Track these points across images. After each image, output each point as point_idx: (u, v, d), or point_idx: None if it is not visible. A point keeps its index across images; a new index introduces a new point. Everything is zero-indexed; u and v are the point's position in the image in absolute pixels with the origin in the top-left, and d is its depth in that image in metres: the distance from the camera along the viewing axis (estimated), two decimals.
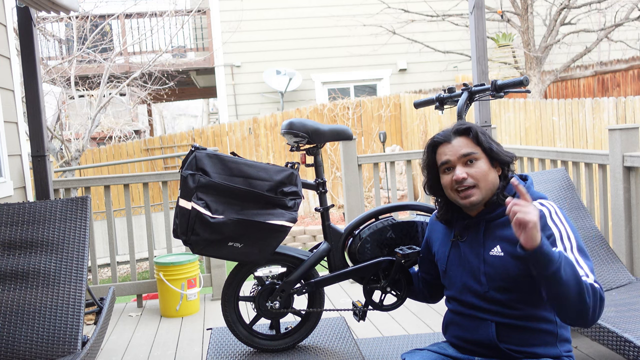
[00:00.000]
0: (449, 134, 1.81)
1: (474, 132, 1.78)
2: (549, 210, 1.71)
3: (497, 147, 1.79)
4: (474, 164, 1.76)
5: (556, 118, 6.49)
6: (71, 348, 2.46)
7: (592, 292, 1.54)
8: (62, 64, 9.70)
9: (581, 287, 1.52)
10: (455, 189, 1.78)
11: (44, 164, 3.61)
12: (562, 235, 1.66)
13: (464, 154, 1.77)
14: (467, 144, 1.78)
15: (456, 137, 1.80)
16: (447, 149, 1.80)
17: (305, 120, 2.23)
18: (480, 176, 1.75)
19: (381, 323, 3.58)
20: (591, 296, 1.53)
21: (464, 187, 1.75)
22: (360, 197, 4.34)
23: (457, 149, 1.78)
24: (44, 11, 3.44)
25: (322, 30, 11.69)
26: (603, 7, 9.54)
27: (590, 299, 1.53)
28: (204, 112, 23.13)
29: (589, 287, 1.54)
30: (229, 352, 2.30)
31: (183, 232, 2.00)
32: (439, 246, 1.94)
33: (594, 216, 3.50)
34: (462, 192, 1.76)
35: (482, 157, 1.77)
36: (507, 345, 1.73)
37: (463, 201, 1.77)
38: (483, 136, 1.78)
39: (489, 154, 1.77)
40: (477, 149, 1.77)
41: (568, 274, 1.51)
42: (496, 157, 1.78)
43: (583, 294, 1.52)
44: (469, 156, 1.76)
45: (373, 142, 10.56)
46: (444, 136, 1.82)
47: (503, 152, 1.79)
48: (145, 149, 10.25)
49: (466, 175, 1.75)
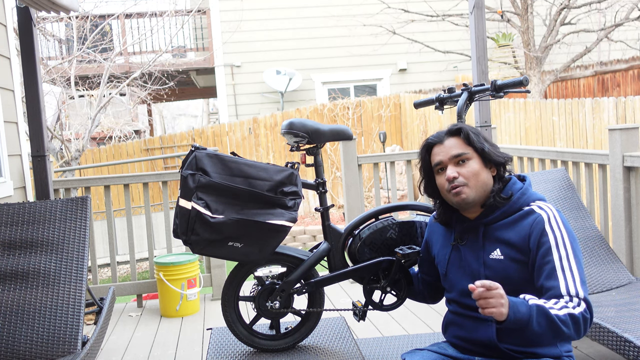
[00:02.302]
0: (442, 135, 1.83)
1: (464, 132, 1.80)
2: (547, 214, 1.71)
3: (490, 148, 1.79)
4: (466, 163, 1.77)
5: (556, 118, 6.49)
6: (71, 348, 2.46)
7: (571, 323, 1.57)
8: (62, 64, 9.69)
9: (556, 328, 1.55)
10: (447, 189, 1.78)
11: (44, 164, 3.61)
12: (557, 243, 1.67)
13: (454, 155, 1.78)
14: (458, 144, 1.79)
15: (448, 138, 1.82)
16: (440, 150, 1.82)
17: (305, 120, 2.23)
18: (471, 175, 1.76)
19: (381, 323, 3.58)
20: (571, 327, 1.57)
21: (455, 185, 1.76)
22: (360, 197, 4.34)
23: (448, 149, 1.80)
24: (44, 11, 3.44)
25: (322, 30, 11.69)
26: (603, 7, 9.54)
27: (570, 329, 1.57)
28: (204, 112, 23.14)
29: (566, 319, 1.56)
30: (229, 352, 2.30)
31: (183, 232, 2.00)
32: (439, 249, 1.94)
33: (594, 216, 3.50)
34: (453, 190, 1.77)
35: (474, 157, 1.78)
36: (507, 345, 1.73)
37: (455, 199, 1.77)
38: (475, 136, 1.79)
39: (481, 154, 1.78)
40: (468, 149, 1.78)
41: (542, 325, 1.55)
42: (488, 157, 1.78)
43: (560, 332, 1.56)
44: (460, 157, 1.78)
45: (373, 142, 10.56)
46: (436, 137, 1.84)
47: (496, 152, 1.79)
48: (145, 149, 10.25)
49: (457, 175, 1.76)
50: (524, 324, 1.53)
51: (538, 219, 1.71)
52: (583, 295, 1.61)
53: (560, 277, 1.64)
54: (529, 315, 1.53)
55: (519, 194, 1.77)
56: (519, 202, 1.76)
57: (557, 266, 1.65)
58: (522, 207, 1.76)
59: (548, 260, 1.66)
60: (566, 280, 1.63)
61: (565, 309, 1.58)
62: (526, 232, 1.71)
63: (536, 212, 1.72)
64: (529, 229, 1.71)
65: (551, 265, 1.65)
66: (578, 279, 1.63)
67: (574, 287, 1.62)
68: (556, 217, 1.71)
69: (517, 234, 1.72)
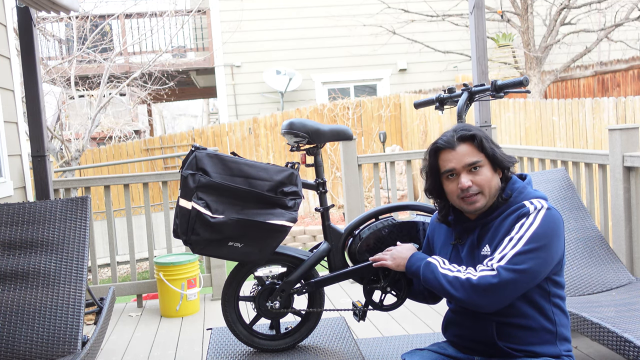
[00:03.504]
0: (453, 141, 1.77)
1: (478, 139, 1.76)
2: (536, 207, 1.71)
3: (500, 153, 1.78)
4: (478, 171, 1.76)
5: (556, 118, 6.49)
6: (71, 348, 2.46)
7: (459, 285, 1.69)
8: (62, 64, 9.69)
9: (441, 285, 1.73)
10: (460, 197, 1.77)
11: (44, 164, 3.61)
12: (522, 225, 1.68)
13: (469, 163, 1.75)
14: (471, 151, 1.76)
15: (460, 144, 1.77)
16: (452, 156, 1.77)
17: (305, 121, 2.23)
18: (485, 183, 1.75)
19: (381, 323, 3.58)
20: (458, 288, 1.69)
21: (469, 194, 1.75)
22: (360, 197, 4.34)
23: (462, 157, 1.76)
24: (44, 11, 3.44)
25: (322, 30, 11.69)
26: (603, 7, 9.54)
27: (457, 290, 1.69)
28: (204, 112, 23.14)
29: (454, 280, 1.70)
30: (229, 352, 2.30)
31: (183, 232, 2.00)
32: (440, 248, 1.95)
33: (594, 216, 3.50)
34: (467, 199, 1.76)
35: (486, 164, 1.77)
36: (507, 344, 1.73)
37: (468, 207, 1.77)
38: (487, 142, 1.77)
39: (492, 159, 1.77)
40: (481, 156, 1.76)
41: (428, 279, 1.77)
42: (499, 163, 1.77)
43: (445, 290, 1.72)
44: (474, 164, 1.75)
45: (373, 142, 10.56)
46: (447, 142, 1.78)
47: (505, 157, 1.79)
48: (145, 149, 10.25)
49: (471, 184, 1.74)
50: (414, 274, 1.85)
51: (524, 210, 1.71)
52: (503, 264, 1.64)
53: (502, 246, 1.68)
54: (417, 268, 1.83)
55: (516, 192, 1.78)
56: (515, 201, 1.77)
57: (505, 239, 1.68)
58: (517, 204, 1.76)
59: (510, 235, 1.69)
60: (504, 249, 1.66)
61: (468, 274, 1.69)
62: (512, 224, 1.71)
63: (526, 207, 1.72)
64: (515, 221, 1.71)
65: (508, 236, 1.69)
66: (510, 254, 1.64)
67: (499, 254, 1.66)
68: (539, 212, 1.69)
69: (504, 229, 1.73)
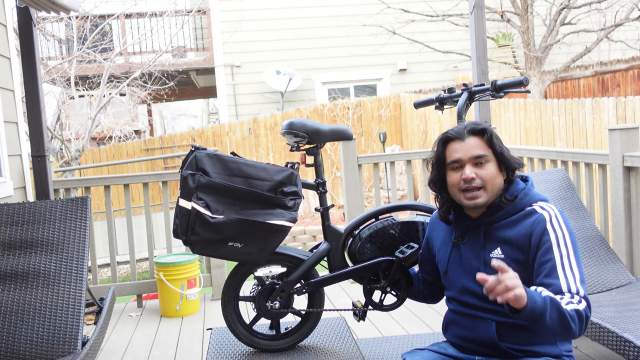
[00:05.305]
0: (463, 132, 1.79)
1: (488, 134, 1.78)
2: (549, 214, 1.72)
3: (508, 153, 1.79)
4: (484, 166, 1.76)
5: (556, 118, 6.49)
6: (71, 348, 2.46)
7: (577, 319, 1.57)
8: (62, 64, 9.69)
9: (566, 323, 1.54)
10: (461, 188, 1.77)
11: (44, 164, 3.61)
12: (558, 242, 1.67)
13: (476, 155, 1.76)
14: (480, 145, 1.77)
15: (470, 137, 1.78)
16: (460, 147, 1.78)
17: (305, 120, 2.23)
18: (489, 179, 1.75)
19: (381, 323, 3.58)
20: (577, 322, 1.56)
21: (471, 187, 1.75)
22: (360, 197, 4.34)
23: (470, 148, 1.77)
24: (44, 11, 3.44)
25: (322, 30, 11.69)
26: (603, 7, 9.53)
27: (576, 325, 1.56)
28: (204, 112, 23.13)
29: (574, 315, 1.56)
30: (229, 352, 2.30)
31: (183, 232, 2.00)
32: (439, 247, 1.94)
33: (594, 216, 3.50)
34: (468, 193, 1.76)
35: (492, 161, 1.77)
36: (507, 344, 1.73)
37: (467, 202, 1.77)
38: (496, 139, 1.78)
39: (499, 158, 1.77)
40: (488, 151, 1.77)
41: (554, 319, 1.53)
42: (506, 162, 1.78)
43: (568, 327, 1.55)
44: (480, 158, 1.76)
45: (373, 142, 10.56)
46: (457, 133, 1.79)
47: (513, 158, 1.79)
48: (145, 149, 10.25)
49: (475, 176, 1.74)
50: (538, 315, 1.48)
51: (540, 218, 1.71)
52: (583, 293, 1.62)
53: (560, 275, 1.64)
54: (543, 306, 1.49)
55: (522, 194, 1.78)
56: (521, 203, 1.76)
57: (557, 264, 1.65)
58: (524, 207, 1.76)
59: (549, 258, 1.66)
60: (567, 278, 1.63)
61: (571, 304, 1.58)
62: (527, 231, 1.71)
63: (538, 212, 1.73)
64: (530, 228, 1.71)
65: (552, 263, 1.65)
66: (578, 277, 1.64)
67: (574, 284, 1.62)
68: (557, 217, 1.71)
69: (518, 233, 1.72)
